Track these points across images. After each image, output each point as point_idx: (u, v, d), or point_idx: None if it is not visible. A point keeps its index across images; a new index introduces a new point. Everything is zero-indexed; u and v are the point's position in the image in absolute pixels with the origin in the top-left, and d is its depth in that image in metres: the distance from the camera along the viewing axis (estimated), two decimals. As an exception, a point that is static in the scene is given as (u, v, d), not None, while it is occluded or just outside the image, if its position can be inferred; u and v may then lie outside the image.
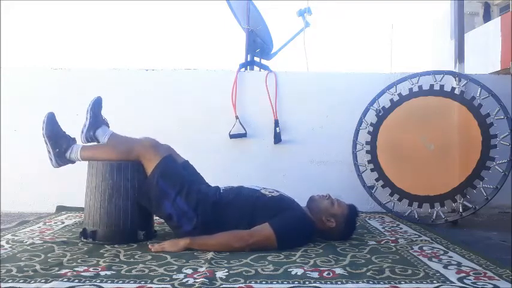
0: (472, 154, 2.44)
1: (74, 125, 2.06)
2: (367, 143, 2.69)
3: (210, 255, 1.66)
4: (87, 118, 2.03)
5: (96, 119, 2.03)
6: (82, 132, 2.02)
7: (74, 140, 2.00)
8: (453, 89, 2.65)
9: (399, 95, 2.66)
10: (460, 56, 2.91)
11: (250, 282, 1.36)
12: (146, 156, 1.93)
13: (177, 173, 1.94)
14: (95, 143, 2.03)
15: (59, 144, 1.95)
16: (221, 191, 1.98)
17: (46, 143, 1.96)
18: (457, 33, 2.93)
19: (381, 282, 1.37)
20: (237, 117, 2.86)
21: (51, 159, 1.96)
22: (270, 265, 1.55)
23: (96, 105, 2.06)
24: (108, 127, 2.09)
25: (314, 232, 1.94)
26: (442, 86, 2.56)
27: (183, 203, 1.86)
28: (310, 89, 2.95)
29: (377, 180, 2.64)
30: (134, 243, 1.87)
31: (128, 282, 1.36)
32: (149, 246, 1.78)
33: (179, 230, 1.89)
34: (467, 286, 1.35)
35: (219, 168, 2.80)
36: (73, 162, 1.99)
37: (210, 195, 1.92)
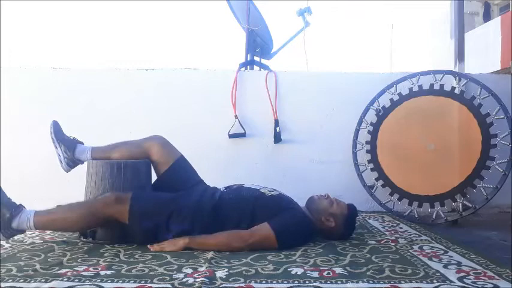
0: (472, 154, 2.44)
1: (73, 125, 2.06)
2: (367, 142, 2.69)
3: (210, 254, 1.66)
4: (57, 147, 1.98)
5: (65, 141, 1.99)
6: (61, 162, 1.99)
7: (20, 206, 1.78)
8: (453, 88, 2.64)
9: (399, 94, 2.65)
10: (460, 55, 2.91)
11: (250, 282, 1.36)
12: (115, 211, 1.76)
13: (156, 204, 1.83)
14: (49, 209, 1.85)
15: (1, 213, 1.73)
16: (220, 192, 1.97)
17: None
18: (457, 33, 2.93)
19: (381, 282, 1.37)
20: (236, 117, 2.86)
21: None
22: (270, 264, 1.55)
23: (57, 130, 2.01)
24: (83, 144, 2.05)
25: (314, 232, 1.94)
26: (442, 86, 2.56)
27: (177, 225, 1.80)
28: (310, 88, 2.95)
29: (377, 179, 2.64)
30: (134, 242, 1.87)
31: (128, 282, 1.36)
32: (148, 245, 1.78)
33: None
34: (467, 286, 1.35)
35: (219, 168, 2.80)
36: (22, 232, 1.78)
37: (206, 202, 1.88)
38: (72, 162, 1.99)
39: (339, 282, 1.38)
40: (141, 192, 1.89)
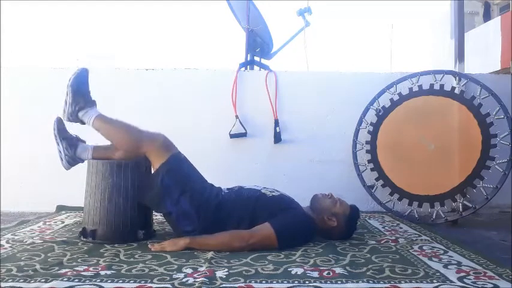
0: (472, 153, 2.44)
1: (73, 125, 2.05)
2: (367, 142, 2.69)
3: (210, 254, 1.66)
4: (58, 143, 1.94)
5: (67, 139, 1.96)
6: (61, 159, 1.96)
7: (94, 103, 1.96)
8: (453, 88, 2.64)
9: (399, 94, 2.65)
10: (460, 55, 2.91)
11: (250, 282, 1.36)
12: (155, 152, 1.90)
13: (184, 173, 1.92)
14: (113, 118, 1.98)
15: (79, 100, 1.91)
16: (223, 193, 1.97)
17: (67, 94, 1.93)
18: (457, 33, 2.93)
19: (381, 282, 1.37)
20: (237, 117, 2.86)
21: (64, 111, 1.93)
22: (270, 264, 1.55)
23: (61, 128, 1.96)
24: (85, 142, 2.03)
25: (315, 232, 1.95)
26: (442, 86, 2.56)
27: (186, 203, 1.85)
28: (310, 88, 2.95)
29: (377, 179, 2.64)
30: (134, 242, 1.87)
31: (128, 282, 1.36)
32: (149, 245, 1.78)
33: (178, 228, 1.89)
34: (467, 286, 1.35)
35: (219, 168, 2.79)
36: (83, 123, 1.95)
37: (212, 198, 1.91)
38: (72, 160, 1.99)
39: (339, 282, 1.38)
40: (183, 157, 1.96)
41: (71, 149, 1.97)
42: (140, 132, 1.97)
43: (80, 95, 1.92)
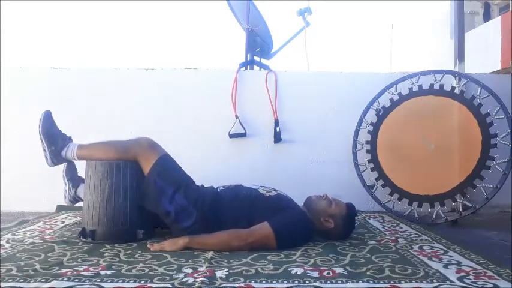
0: (472, 153, 2.44)
1: (73, 125, 2.06)
2: (367, 142, 2.69)
3: (210, 254, 1.66)
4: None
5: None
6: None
7: (70, 139, 2.00)
8: (453, 88, 2.64)
9: (399, 94, 2.65)
10: (460, 55, 2.91)
11: (250, 282, 1.36)
12: (144, 155, 1.93)
13: (174, 171, 1.96)
14: (91, 142, 2.01)
15: (54, 142, 1.95)
16: (218, 191, 1.98)
17: (42, 141, 1.96)
18: (457, 33, 2.93)
19: (381, 282, 1.37)
20: (236, 117, 2.86)
21: (46, 158, 1.96)
22: (270, 264, 1.55)
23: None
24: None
25: (313, 231, 1.94)
26: (442, 86, 2.56)
27: (181, 198, 1.88)
28: (310, 88, 2.95)
29: (377, 179, 2.64)
30: (134, 242, 1.87)
31: (128, 282, 1.36)
32: (148, 245, 1.78)
33: (178, 226, 1.89)
34: (467, 285, 1.35)
35: (219, 168, 2.80)
36: (69, 161, 1.99)
37: (208, 194, 1.94)
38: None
39: (339, 282, 1.38)
40: (170, 157, 2.00)
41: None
42: (123, 141, 2.00)
43: (54, 136, 1.96)
